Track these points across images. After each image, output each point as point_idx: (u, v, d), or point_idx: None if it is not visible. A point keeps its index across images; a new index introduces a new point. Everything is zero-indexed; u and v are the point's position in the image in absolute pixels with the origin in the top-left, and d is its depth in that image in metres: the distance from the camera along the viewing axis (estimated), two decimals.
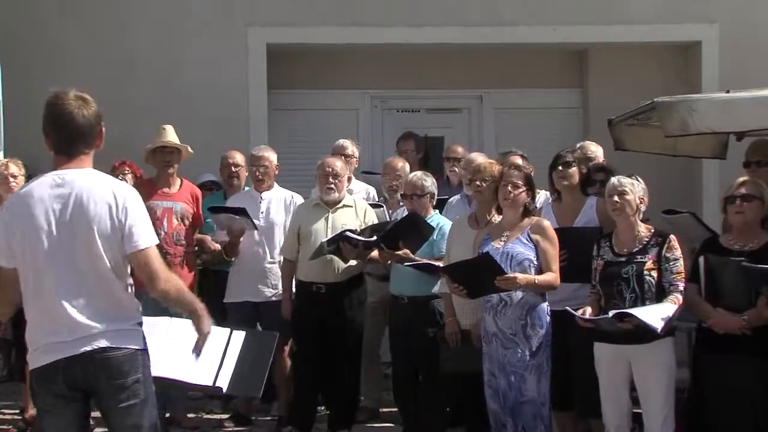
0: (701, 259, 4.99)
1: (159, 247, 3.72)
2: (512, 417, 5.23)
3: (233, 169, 7.12)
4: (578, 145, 6.47)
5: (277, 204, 6.73)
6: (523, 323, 5.21)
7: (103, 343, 3.49)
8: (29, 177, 7.20)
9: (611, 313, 4.85)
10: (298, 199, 6.79)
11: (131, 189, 3.68)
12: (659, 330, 4.72)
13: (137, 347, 3.58)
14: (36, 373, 3.55)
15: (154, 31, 8.39)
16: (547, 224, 5.33)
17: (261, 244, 6.64)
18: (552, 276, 5.19)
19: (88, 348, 3.47)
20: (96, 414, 3.71)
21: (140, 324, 3.64)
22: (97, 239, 3.51)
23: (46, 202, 3.52)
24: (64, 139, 3.62)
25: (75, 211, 3.51)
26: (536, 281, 5.16)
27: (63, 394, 3.51)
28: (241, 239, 6.57)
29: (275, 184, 6.86)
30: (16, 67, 8.30)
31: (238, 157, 7.13)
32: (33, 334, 3.56)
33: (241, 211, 6.44)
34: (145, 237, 3.58)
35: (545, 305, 5.25)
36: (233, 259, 6.69)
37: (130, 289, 3.64)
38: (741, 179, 5.05)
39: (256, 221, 6.57)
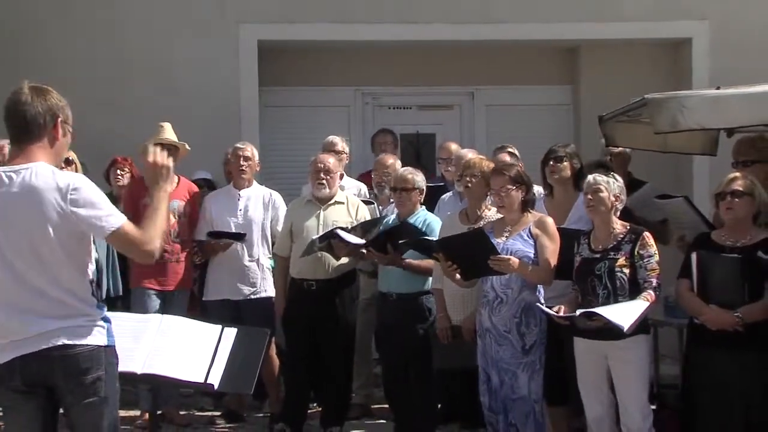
0: (693, 255, 5.00)
1: None
2: (504, 413, 5.24)
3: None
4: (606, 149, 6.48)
5: (256, 202, 6.72)
6: (517, 321, 5.21)
7: (60, 341, 3.40)
8: None
9: (578, 312, 4.88)
10: (277, 197, 6.78)
11: (81, 177, 3.55)
12: (625, 329, 4.73)
13: (99, 344, 3.47)
14: None
15: (146, 28, 8.37)
16: (550, 221, 5.33)
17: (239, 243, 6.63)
18: (546, 270, 5.19)
19: (45, 345, 3.40)
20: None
21: (105, 320, 3.53)
22: (48, 234, 3.40)
23: None
24: (10, 129, 3.55)
25: (27, 210, 3.42)
26: (530, 269, 5.16)
27: (22, 393, 3.44)
28: None
29: (254, 182, 6.85)
30: (10, 66, 8.29)
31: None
32: None
33: (241, 236, 6.46)
34: (111, 219, 3.46)
35: (542, 302, 5.25)
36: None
37: (91, 286, 3.53)
38: (732, 175, 5.05)
39: (234, 219, 6.58)
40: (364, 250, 6.07)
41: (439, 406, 6.34)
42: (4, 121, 3.55)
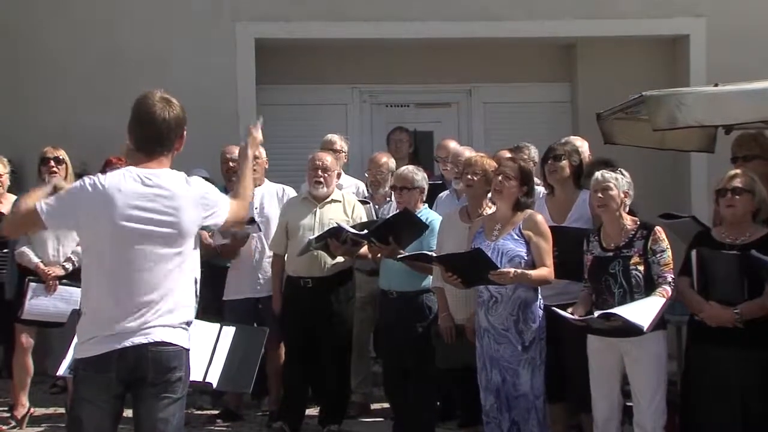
0: (693, 253, 4.98)
1: None
2: (507, 411, 5.22)
3: (231, 164, 7.13)
4: (563, 140, 6.48)
5: (270, 198, 6.74)
6: (514, 319, 5.19)
7: (156, 338, 3.57)
8: (14, 173, 7.17)
9: (596, 314, 4.86)
10: (290, 192, 6.79)
11: (203, 182, 3.81)
12: (645, 329, 4.71)
13: (185, 346, 3.66)
14: (86, 362, 3.60)
15: (142, 27, 8.36)
16: (540, 218, 5.30)
17: (258, 239, 6.64)
18: (546, 271, 5.16)
19: (143, 340, 3.56)
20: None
21: (189, 324, 3.71)
22: (179, 235, 3.62)
23: (130, 198, 3.59)
24: (144, 138, 3.72)
25: (162, 212, 3.60)
26: (530, 276, 5.14)
27: (109, 387, 3.57)
28: None
29: (265, 179, 6.86)
30: (8, 64, 8.29)
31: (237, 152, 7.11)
32: (91, 324, 3.62)
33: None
34: (223, 209, 3.79)
35: (539, 301, 5.24)
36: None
37: (195, 289, 3.74)
38: (733, 171, 5.03)
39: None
40: (365, 247, 6.06)
41: (438, 404, 6.34)
42: (136, 127, 3.74)
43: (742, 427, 4.81)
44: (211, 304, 6.77)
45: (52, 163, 6.68)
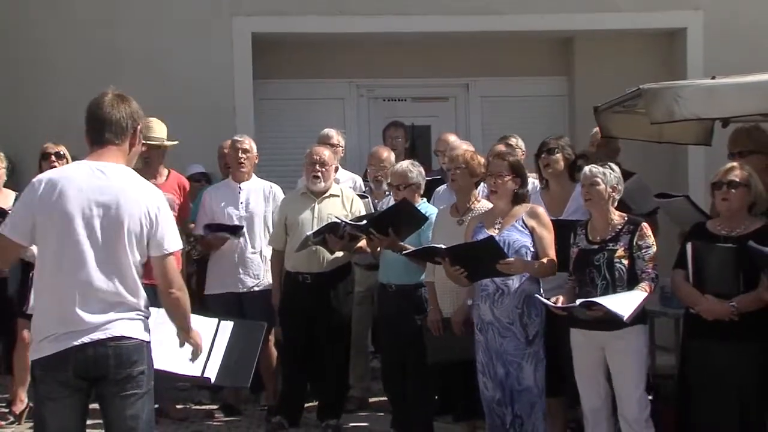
0: (689, 245, 4.99)
1: None
2: (510, 405, 5.24)
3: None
4: (594, 131, 6.52)
5: (257, 195, 6.73)
6: (519, 312, 5.21)
7: (116, 332, 3.56)
8: (11, 168, 7.16)
9: (578, 302, 4.89)
10: (277, 190, 6.78)
11: (161, 193, 3.78)
12: (625, 318, 4.74)
13: (144, 339, 3.65)
14: (43, 362, 3.57)
15: (139, 22, 8.34)
16: (542, 211, 5.34)
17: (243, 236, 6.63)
18: (551, 261, 5.19)
19: (101, 336, 3.54)
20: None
21: (147, 317, 3.71)
22: (127, 235, 3.60)
23: (83, 191, 3.59)
24: (94, 128, 3.73)
25: (112, 206, 3.59)
26: (536, 266, 5.16)
27: (69, 383, 3.55)
28: None
29: (254, 175, 6.84)
30: (2, 65, 8.27)
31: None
32: (43, 322, 3.60)
33: (238, 229, 6.48)
34: (173, 241, 3.72)
35: (541, 294, 5.25)
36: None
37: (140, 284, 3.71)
38: (729, 165, 5.03)
39: (236, 212, 6.59)
40: (364, 241, 6.06)
41: (436, 397, 6.34)
42: (87, 122, 3.75)
43: (739, 419, 4.83)
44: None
45: (53, 158, 6.68)
